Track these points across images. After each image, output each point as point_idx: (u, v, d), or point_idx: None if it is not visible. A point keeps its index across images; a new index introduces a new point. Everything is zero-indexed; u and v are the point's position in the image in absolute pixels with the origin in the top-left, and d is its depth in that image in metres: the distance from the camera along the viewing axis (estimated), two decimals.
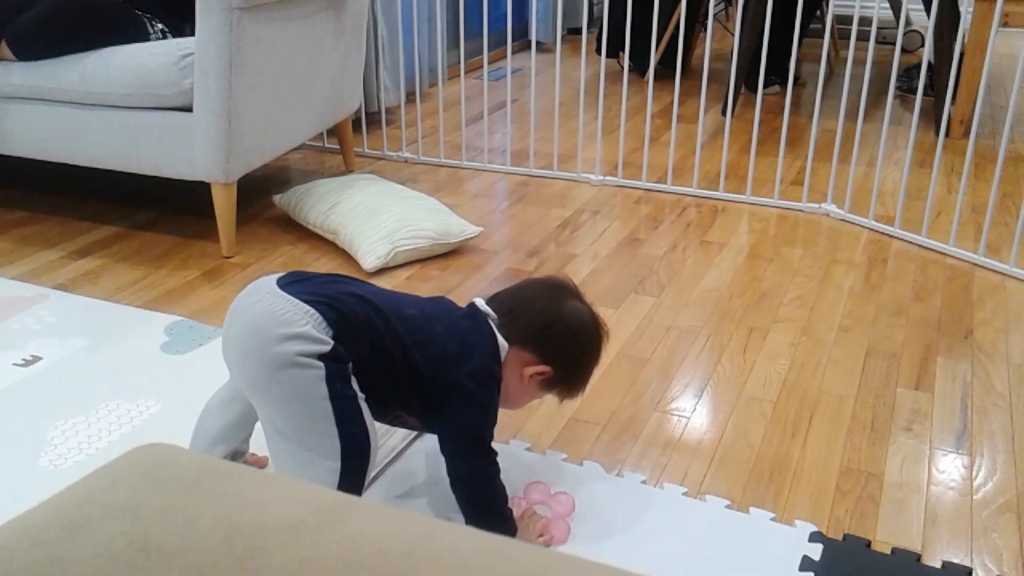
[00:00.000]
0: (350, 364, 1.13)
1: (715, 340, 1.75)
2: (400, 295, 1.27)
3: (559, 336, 1.24)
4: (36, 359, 1.66)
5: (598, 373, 1.62)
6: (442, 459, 1.20)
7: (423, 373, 1.17)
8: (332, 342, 1.11)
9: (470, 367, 1.18)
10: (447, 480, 1.20)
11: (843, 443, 1.43)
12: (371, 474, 1.18)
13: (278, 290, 1.14)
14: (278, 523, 0.47)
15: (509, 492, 1.22)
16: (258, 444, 1.27)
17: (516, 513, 1.24)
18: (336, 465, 1.12)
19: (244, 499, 0.49)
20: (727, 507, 1.29)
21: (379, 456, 1.34)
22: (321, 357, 1.10)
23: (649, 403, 1.54)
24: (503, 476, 1.20)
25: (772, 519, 1.27)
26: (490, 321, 1.24)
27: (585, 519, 1.26)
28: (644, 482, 1.34)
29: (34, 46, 2.09)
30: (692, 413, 1.52)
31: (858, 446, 1.43)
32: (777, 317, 1.83)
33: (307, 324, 1.10)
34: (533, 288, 1.30)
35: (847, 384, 1.60)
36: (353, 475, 1.14)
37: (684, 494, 1.32)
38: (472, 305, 1.26)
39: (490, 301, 1.27)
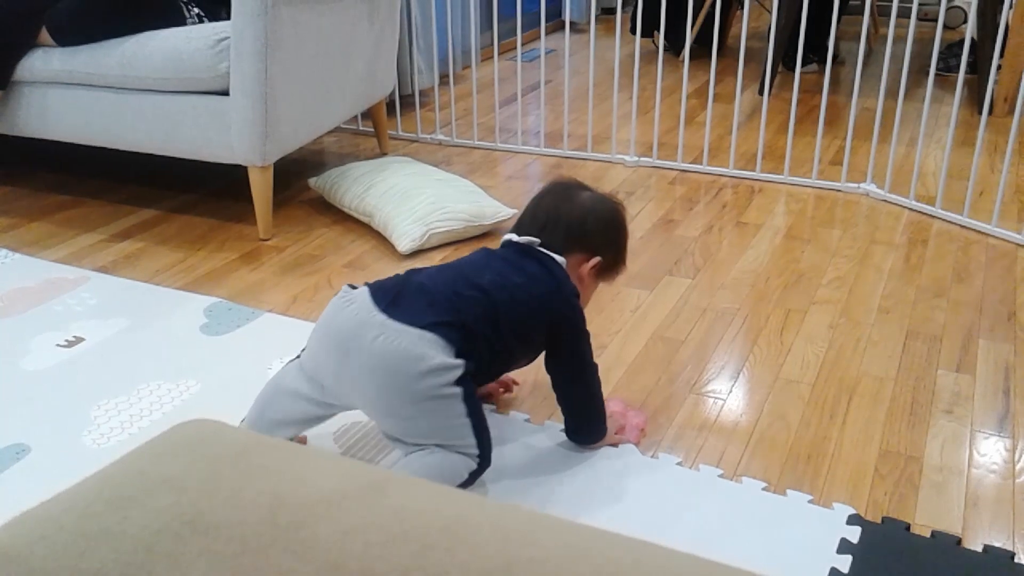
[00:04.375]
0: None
1: (751, 322, 1.73)
2: (469, 268, 1.28)
3: (594, 227, 1.33)
4: (79, 340, 1.69)
5: (634, 354, 1.62)
6: None
7: (523, 333, 1.25)
8: (461, 361, 1.16)
9: (560, 297, 1.26)
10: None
11: (882, 426, 1.42)
12: None
13: (391, 322, 1.16)
14: (321, 496, 0.47)
15: None
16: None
17: None
18: (473, 465, 1.21)
19: (287, 473, 0.49)
20: (764, 489, 1.28)
21: None
22: (457, 381, 1.16)
23: (684, 385, 1.53)
24: (546, 456, 1.27)
25: (810, 501, 1.26)
26: (537, 247, 1.30)
27: (620, 500, 1.26)
28: (680, 464, 1.34)
29: (73, 32, 2.12)
30: (728, 395, 1.51)
31: (897, 429, 1.41)
32: (815, 299, 1.81)
33: (438, 354, 1.15)
34: (548, 199, 1.36)
35: (886, 366, 1.58)
36: (478, 474, 1.23)
37: (720, 476, 1.31)
38: (513, 244, 1.31)
39: (518, 230, 1.33)
